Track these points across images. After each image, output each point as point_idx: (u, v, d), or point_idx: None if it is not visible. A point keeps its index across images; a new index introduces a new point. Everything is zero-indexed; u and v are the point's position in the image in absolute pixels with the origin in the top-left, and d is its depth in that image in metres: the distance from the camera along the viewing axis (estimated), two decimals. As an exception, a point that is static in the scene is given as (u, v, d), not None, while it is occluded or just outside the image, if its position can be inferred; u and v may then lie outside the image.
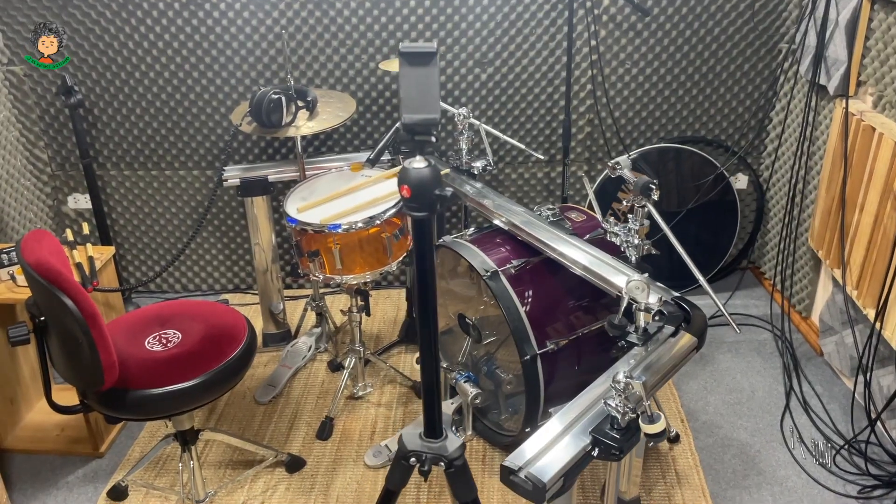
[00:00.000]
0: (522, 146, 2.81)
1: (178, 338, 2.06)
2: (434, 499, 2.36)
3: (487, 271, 2.25)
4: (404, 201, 1.50)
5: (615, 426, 1.51)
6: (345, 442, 2.60)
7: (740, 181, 3.38)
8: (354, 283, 2.47)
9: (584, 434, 1.52)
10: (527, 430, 2.33)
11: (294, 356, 2.95)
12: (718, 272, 3.43)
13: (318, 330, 3.04)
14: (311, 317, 3.10)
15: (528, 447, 1.49)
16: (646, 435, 1.47)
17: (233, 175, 2.82)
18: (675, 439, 2.56)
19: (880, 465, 2.41)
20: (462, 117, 2.62)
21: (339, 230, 2.35)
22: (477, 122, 2.66)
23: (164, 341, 2.05)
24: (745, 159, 3.35)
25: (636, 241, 2.10)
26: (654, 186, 1.93)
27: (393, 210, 2.41)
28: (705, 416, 2.69)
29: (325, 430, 2.62)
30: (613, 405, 1.50)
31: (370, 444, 2.58)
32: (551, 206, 2.48)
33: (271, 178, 2.84)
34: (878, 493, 2.33)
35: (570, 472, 1.46)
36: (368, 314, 2.67)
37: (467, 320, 2.52)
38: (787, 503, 2.33)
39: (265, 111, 2.57)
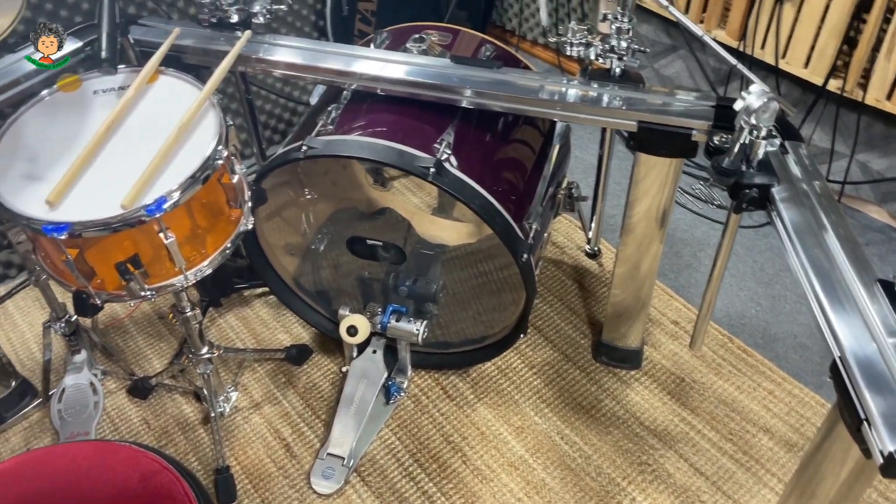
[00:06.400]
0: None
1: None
2: (456, 408, 1.73)
3: (427, 168, 1.44)
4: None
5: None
6: (263, 485, 1.72)
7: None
8: (210, 269, 1.43)
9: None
10: (522, 335, 1.73)
11: (79, 411, 1.79)
12: None
13: (82, 354, 1.87)
14: (57, 340, 1.89)
15: (871, 394, 0.94)
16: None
17: None
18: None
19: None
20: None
21: (165, 207, 1.26)
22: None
23: None
24: None
25: (622, 44, 1.45)
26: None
27: (220, 146, 1.34)
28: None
29: (227, 490, 1.68)
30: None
31: (297, 466, 1.75)
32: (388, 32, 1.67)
33: None
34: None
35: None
36: (219, 303, 1.65)
37: (369, 241, 1.71)
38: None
39: None
